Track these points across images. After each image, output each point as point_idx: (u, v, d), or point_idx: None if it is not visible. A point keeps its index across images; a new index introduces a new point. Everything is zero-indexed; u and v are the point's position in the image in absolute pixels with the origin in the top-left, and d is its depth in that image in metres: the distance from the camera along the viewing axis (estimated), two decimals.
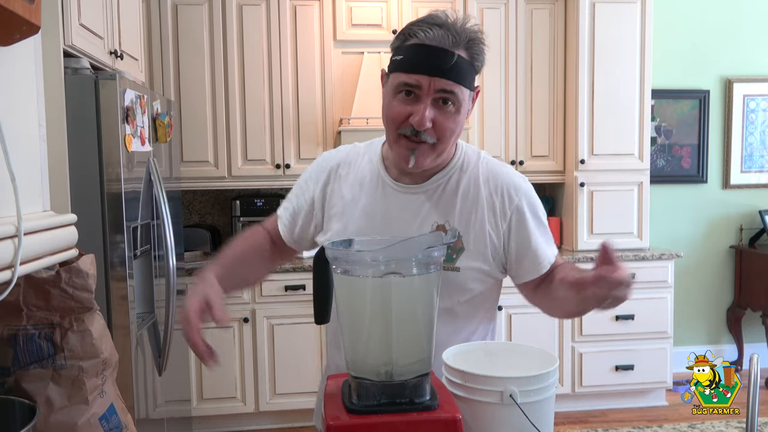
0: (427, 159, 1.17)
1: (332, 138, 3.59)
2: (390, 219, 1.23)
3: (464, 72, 1.11)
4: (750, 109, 4.19)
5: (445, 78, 1.10)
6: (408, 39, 1.12)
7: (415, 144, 1.15)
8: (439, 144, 1.16)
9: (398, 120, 1.14)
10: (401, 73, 1.12)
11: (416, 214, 1.22)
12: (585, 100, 3.59)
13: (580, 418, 3.52)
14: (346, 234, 1.23)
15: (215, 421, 3.41)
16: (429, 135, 1.14)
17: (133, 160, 2.23)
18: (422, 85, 1.10)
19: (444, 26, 1.10)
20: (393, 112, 1.15)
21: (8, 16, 0.80)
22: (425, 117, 1.11)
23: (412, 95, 1.12)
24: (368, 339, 0.97)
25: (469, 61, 1.12)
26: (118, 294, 2.14)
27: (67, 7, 2.00)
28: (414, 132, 1.13)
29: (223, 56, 3.48)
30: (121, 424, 1.13)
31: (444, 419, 0.92)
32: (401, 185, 1.24)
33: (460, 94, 1.12)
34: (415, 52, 1.10)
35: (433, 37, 1.09)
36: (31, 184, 0.98)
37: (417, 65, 1.10)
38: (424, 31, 1.10)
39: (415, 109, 1.12)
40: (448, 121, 1.14)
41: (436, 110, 1.12)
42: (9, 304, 1.04)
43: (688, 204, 4.21)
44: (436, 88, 1.10)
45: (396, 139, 1.17)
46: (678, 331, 3.87)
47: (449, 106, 1.13)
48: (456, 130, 1.16)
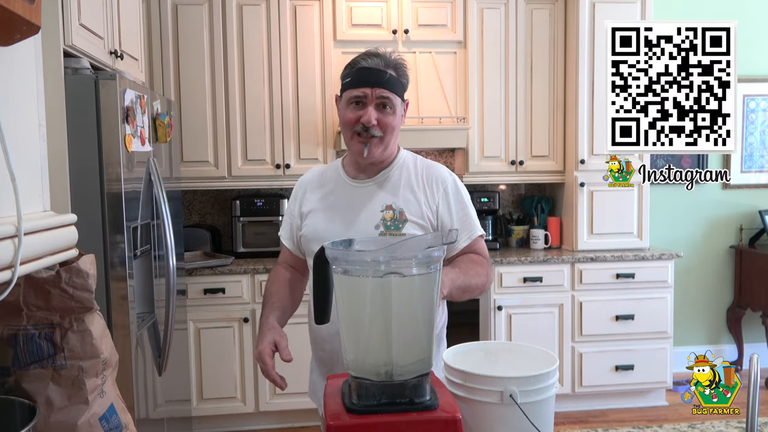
0: (377, 150, 1.56)
1: (332, 138, 3.59)
2: (351, 206, 1.61)
3: (395, 85, 1.54)
4: (750, 109, 4.19)
5: (382, 88, 1.52)
6: (354, 66, 1.56)
7: (367, 138, 1.54)
8: (385, 137, 1.55)
9: (352, 122, 1.55)
10: (351, 89, 1.54)
11: (369, 199, 1.61)
12: (585, 100, 3.59)
13: (580, 418, 3.53)
14: (319, 221, 1.62)
15: (215, 421, 3.41)
16: (376, 130, 1.53)
17: (133, 160, 2.23)
18: (367, 94, 1.53)
19: (378, 56, 1.55)
20: (347, 118, 1.56)
21: (8, 16, 0.80)
22: (371, 115, 1.52)
23: (360, 104, 1.54)
24: (368, 339, 0.97)
25: (397, 78, 1.55)
26: (118, 294, 2.14)
27: (67, 7, 2.00)
28: (364, 128, 1.53)
29: (223, 56, 3.49)
30: (121, 424, 1.13)
31: (444, 419, 0.92)
32: (357, 181, 1.64)
33: (394, 99, 1.54)
34: (360, 73, 1.54)
35: (371, 62, 1.54)
36: (31, 184, 0.98)
37: (362, 81, 1.53)
38: (365, 60, 1.55)
39: (364, 112, 1.53)
40: (388, 119, 1.55)
41: (378, 112, 1.53)
42: (9, 304, 1.04)
43: (688, 204, 4.21)
44: (376, 96, 1.52)
45: (351, 137, 1.57)
46: (678, 331, 3.87)
47: (387, 109, 1.54)
48: (395, 127, 1.57)
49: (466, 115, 3.64)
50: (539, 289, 3.50)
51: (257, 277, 3.34)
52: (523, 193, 4.17)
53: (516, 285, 3.47)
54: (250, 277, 3.34)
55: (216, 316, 3.33)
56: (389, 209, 1.59)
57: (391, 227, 1.57)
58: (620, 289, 3.57)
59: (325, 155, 3.59)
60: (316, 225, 1.63)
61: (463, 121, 3.59)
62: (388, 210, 1.58)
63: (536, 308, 3.51)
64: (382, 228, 1.57)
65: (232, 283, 3.33)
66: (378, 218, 1.57)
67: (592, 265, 3.55)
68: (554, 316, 3.54)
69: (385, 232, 1.57)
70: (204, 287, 3.30)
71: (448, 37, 3.65)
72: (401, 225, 1.58)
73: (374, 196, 1.61)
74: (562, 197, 3.82)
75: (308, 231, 1.64)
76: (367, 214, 1.58)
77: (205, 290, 3.30)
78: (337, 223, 1.60)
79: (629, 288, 3.58)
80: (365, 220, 1.57)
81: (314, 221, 1.64)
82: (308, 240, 1.63)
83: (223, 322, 3.34)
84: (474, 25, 3.64)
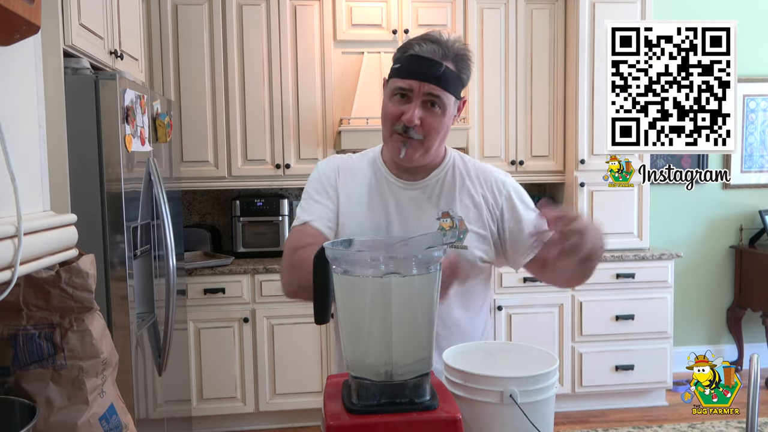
0: (416, 153, 1.35)
1: (332, 138, 3.59)
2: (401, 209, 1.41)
3: (450, 81, 1.31)
4: (750, 109, 4.19)
5: (433, 84, 1.29)
6: (406, 51, 1.33)
7: (405, 139, 1.33)
8: (426, 141, 1.34)
9: (393, 118, 1.33)
10: (398, 79, 1.32)
11: (422, 205, 1.41)
12: (585, 100, 3.59)
13: (580, 418, 3.53)
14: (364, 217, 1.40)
15: (215, 421, 3.41)
16: (417, 132, 1.32)
17: (133, 160, 2.23)
18: (414, 88, 1.30)
19: (436, 42, 1.30)
20: (388, 112, 1.34)
21: (8, 16, 0.80)
22: (414, 115, 1.30)
23: (405, 97, 1.31)
24: (368, 339, 0.97)
25: (456, 73, 1.32)
26: (118, 294, 2.14)
27: (67, 7, 2.00)
28: (404, 128, 1.32)
29: (223, 56, 3.49)
30: (121, 424, 1.13)
31: (444, 419, 0.92)
32: (404, 182, 1.42)
33: (446, 99, 1.31)
34: (410, 61, 1.31)
35: (426, 49, 1.29)
36: (31, 184, 0.98)
37: (410, 72, 1.30)
38: (419, 44, 1.31)
39: (407, 109, 1.31)
40: (434, 120, 1.32)
41: (424, 111, 1.31)
42: (9, 304, 1.04)
43: (688, 204, 4.21)
44: (424, 92, 1.30)
45: (390, 135, 1.36)
46: (678, 331, 3.87)
47: (436, 108, 1.31)
48: (441, 130, 1.34)
49: (466, 115, 3.64)
50: (539, 289, 3.50)
51: (257, 277, 3.34)
52: None
53: (516, 285, 3.47)
54: (250, 277, 3.34)
55: (216, 316, 3.33)
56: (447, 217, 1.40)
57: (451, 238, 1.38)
58: (620, 289, 3.57)
59: (325, 155, 3.59)
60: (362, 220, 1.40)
61: (463, 121, 3.59)
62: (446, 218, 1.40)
63: (536, 308, 3.51)
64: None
65: (232, 283, 3.33)
66: (435, 227, 1.39)
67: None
68: (554, 316, 3.54)
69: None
70: (204, 287, 3.30)
71: None
72: (462, 235, 1.39)
73: (428, 202, 1.41)
74: (562, 197, 3.82)
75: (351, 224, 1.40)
76: (422, 222, 1.38)
77: (205, 290, 3.30)
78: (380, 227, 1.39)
79: (629, 288, 3.58)
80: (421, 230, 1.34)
81: (359, 216, 1.40)
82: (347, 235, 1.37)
83: (223, 322, 3.34)
84: (474, 25, 3.64)
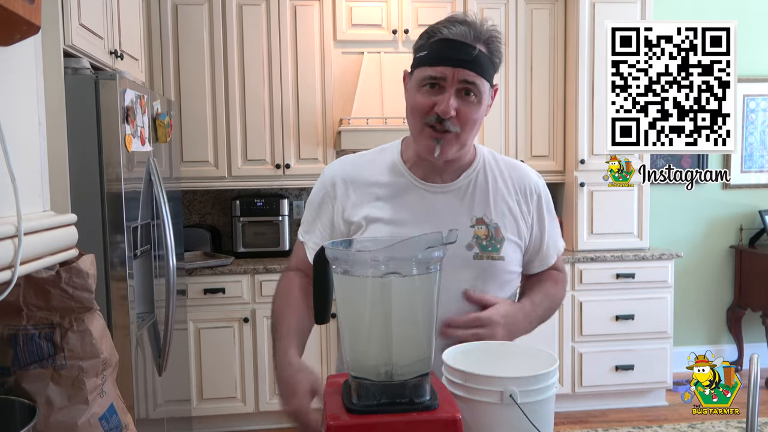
0: (451, 149, 1.22)
1: (332, 138, 3.59)
2: (430, 218, 1.25)
3: (485, 65, 1.18)
4: (750, 109, 4.19)
5: (468, 69, 1.16)
6: (432, 36, 1.19)
7: (440, 134, 1.19)
8: (462, 134, 1.21)
9: (424, 110, 1.19)
10: (426, 67, 1.18)
11: (453, 210, 1.27)
12: (585, 100, 3.59)
13: (580, 418, 3.52)
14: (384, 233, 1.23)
15: (215, 421, 3.41)
16: (453, 124, 1.18)
17: (133, 160, 2.23)
18: (446, 76, 1.16)
19: (466, 23, 1.17)
20: (418, 103, 1.20)
21: (8, 16, 0.80)
22: (450, 105, 1.16)
23: (436, 87, 1.18)
24: (368, 339, 0.97)
25: (488, 56, 1.19)
26: (118, 294, 2.14)
27: (67, 7, 2.00)
28: (439, 120, 1.18)
29: (223, 56, 3.49)
30: (121, 424, 1.13)
31: (444, 419, 0.92)
32: (432, 185, 1.28)
33: (481, 86, 1.18)
34: (439, 46, 1.17)
35: (456, 32, 1.16)
36: (31, 184, 0.98)
37: (441, 58, 1.16)
38: (447, 28, 1.17)
39: (440, 99, 1.17)
40: (470, 110, 1.19)
41: (459, 100, 1.18)
42: (9, 304, 1.04)
43: (688, 204, 4.21)
44: (459, 79, 1.16)
45: (421, 130, 1.21)
46: (678, 331, 3.86)
47: (471, 97, 1.18)
48: (477, 121, 1.22)
49: None
50: None
51: (257, 277, 3.34)
52: None
53: None
54: (250, 277, 3.34)
55: (216, 316, 3.33)
56: (481, 224, 1.26)
57: (488, 247, 1.25)
58: (620, 289, 3.57)
59: (325, 155, 3.59)
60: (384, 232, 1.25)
61: None
62: (480, 225, 1.26)
63: None
64: (476, 249, 1.24)
65: (232, 283, 3.33)
66: (470, 236, 1.25)
67: (592, 265, 3.55)
68: (554, 316, 3.53)
69: (482, 254, 1.24)
70: (204, 287, 3.30)
71: None
72: (499, 245, 1.26)
73: (459, 207, 1.27)
74: (562, 197, 3.82)
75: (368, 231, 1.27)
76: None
77: (205, 290, 3.30)
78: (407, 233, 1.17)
79: (629, 288, 3.58)
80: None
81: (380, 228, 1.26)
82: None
83: (223, 322, 3.34)
84: None
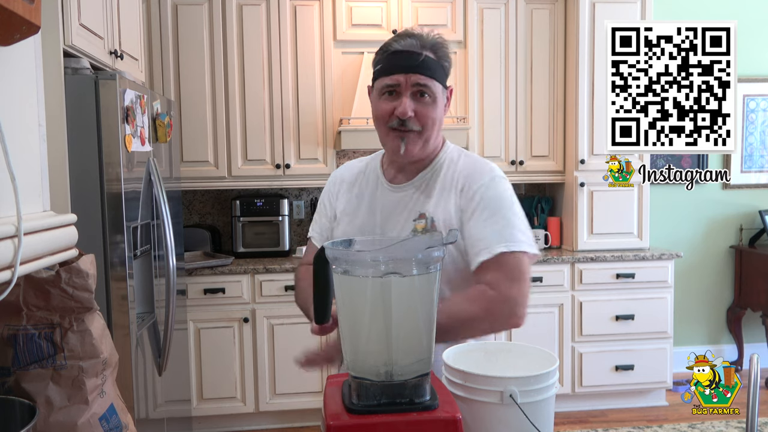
0: (416, 146, 1.36)
1: (332, 138, 3.59)
2: (385, 213, 1.43)
3: (433, 69, 1.33)
4: (750, 109, 4.19)
5: (418, 73, 1.31)
6: (386, 51, 1.35)
7: (404, 133, 1.34)
8: (424, 131, 1.35)
9: (386, 115, 1.34)
10: (383, 77, 1.34)
11: (405, 206, 1.41)
12: (585, 100, 3.59)
13: (580, 418, 3.53)
14: (349, 228, 1.45)
15: (215, 421, 3.41)
16: (413, 123, 1.33)
17: (133, 160, 2.23)
18: (400, 82, 1.32)
19: (413, 36, 1.33)
20: (380, 110, 1.36)
21: (8, 16, 0.80)
22: (407, 106, 1.31)
23: (394, 93, 1.33)
24: (368, 339, 0.97)
25: (437, 61, 1.34)
26: (118, 294, 2.14)
27: (67, 7, 2.00)
28: (401, 122, 1.33)
29: (223, 56, 3.49)
30: (121, 424, 1.13)
31: (444, 419, 0.92)
32: (394, 185, 1.44)
33: (433, 87, 1.33)
34: (392, 58, 1.33)
35: (405, 44, 1.32)
36: (31, 184, 0.98)
37: (394, 67, 1.32)
38: (397, 42, 1.33)
39: (398, 103, 1.32)
40: (427, 110, 1.34)
41: (415, 102, 1.33)
42: (9, 304, 1.04)
43: (688, 204, 4.21)
44: (411, 83, 1.31)
45: (387, 133, 1.37)
46: (678, 331, 3.87)
47: (426, 98, 1.33)
48: (436, 119, 1.36)
49: (466, 115, 3.64)
50: (539, 289, 3.50)
51: (257, 277, 3.34)
52: (523, 193, 4.17)
53: None
54: (250, 277, 3.34)
55: (216, 316, 3.33)
56: (422, 218, 1.37)
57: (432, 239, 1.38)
58: (620, 289, 3.57)
59: (325, 155, 3.59)
60: (345, 231, 1.45)
61: (463, 121, 3.59)
62: (421, 219, 1.37)
63: (536, 308, 3.51)
64: None
65: (232, 283, 3.33)
66: (409, 229, 1.37)
67: (592, 265, 3.55)
68: (554, 316, 3.54)
69: None
70: (204, 287, 3.30)
71: (448, 37, 3.62)
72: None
73: (409, 203, 1.40)
74: (562, 197, 3.82)
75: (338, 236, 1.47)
76: (399, 225, 1.38)
77: (205, 290, 3.30)
78: (365, 232, 1.41)
79: (629, 288, 3.58)
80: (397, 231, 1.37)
81: (341, 226, 1.48)
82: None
83: (223, 322, 3.34)
84: (474, 25, 3.64)
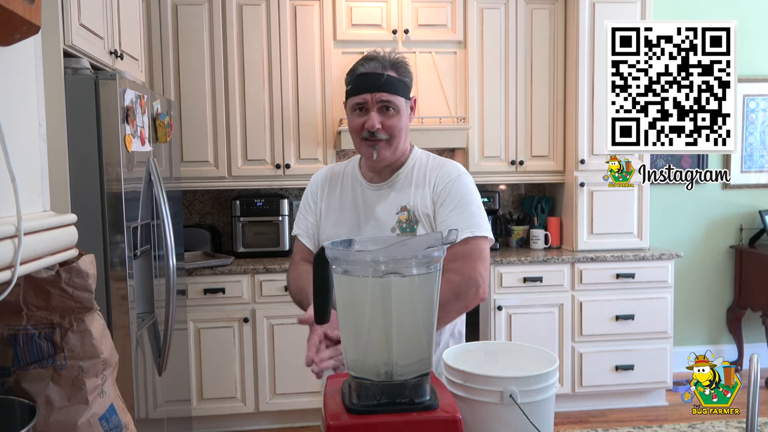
0: (386, 152, 1.57)
1: (332, 138, 3.59)
2: (366, 209, 1.63)
3: (396, 85, 1.54)
4: (750, 109, 4.19)
5: (382, 91, 1.52)
6: (354, 73, 1.57)
7: (374, 142, 1.55)
8: (392, 139, 1.56)
9: (358, 129, 1.56)
10: (353, 97, 1.56)
11: (384, 202, 1.61)
12: (585, 100, 3.59)
13: (580, 418, 3.53)
14: (333, 224, 1.65)
15: (215, 421, 3.41)
16: (381, 133, 1.54)
17: (133, 160, 2.23)
18: (367, 100, 1.54)
19: (375, 59, 1.54)
20: (353, 125, 1.58)
21: (8, 16, 0.80)
22: (374, 120, 1.53)
23: (363, 110, 1.55)
24: (368, 339, 0.97)
25: (398, 78, 1.55)
26: (118, 294, 2.14)
27: (67, 7, 2.00)
28: (370, 134, 1.54)
29: (223, 56, 3.49)
30: (121, 424, 1.13)
31: (444, 419, 0.92)
32: (372, 184, 1.65)
33: (396, 101, 1.54)
34: (359, 79, 1.55)
35: (369, 66, 1.54)
36: (31, 184, 0.98)
37: (361, 87, 1.54)
38: (362, 65, 1.55)
39: (367, 118, 1.54)
40: (392, 121, 1.55)
41: (382, 116, 1.54)
42: (9, 304, 1.04)
43: (688, 204, 4.21)
44: (377, 100, 1.53)
45: (360, 143, 1.58)
46: (678, 331, 3.87)
47: (391, 111, 1.54)
48: (401, 128, 1.57)
49: (466, 115, 3.64)
50: (539, 289, 3.50)
51: (257, 277, 3.34)
52: (523, 193, 4.17)
53: (516, 285, 3.47)
54: (250, 277, 3.34)
55: (216, 316, 3.33)
56: (404, 210, 1.59)
57: (407, 229, 1.57)
58: (620, 289, 3.57)
59: (325, 155, 3.59)
60: (329, 227, 1.65)
61: (463, 121, 3.59)
62: (404, 211, 1.59)
63: (536, 308, 3.51)
64: (398, 231, 1.57)
65: (232, 283, 3.33)
66: (394, 221, 1.58)
67: (592, 265, 3.55)
68: (554, 316, 3.54)
69: (402, 235, 1.56)
70: (204, 287, 3.30)
71: (448, 37, 3.65)
72: (415, 226, 1.58)
73: (389, 199, 1.61)
74: (562, 197, 3.82)
75: (323, 232, 1.66)
76: (383, 218, 1.59)
77: (205, 290, 3.30)
78: (352, 226, 1.61)
79: (629, 288, 3.58)
80: (381, 224, 1.58)
81: (329, 223, 1.66)
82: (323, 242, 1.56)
83: (223, 322, 3.34)
84: (474, 25, 3.64)
